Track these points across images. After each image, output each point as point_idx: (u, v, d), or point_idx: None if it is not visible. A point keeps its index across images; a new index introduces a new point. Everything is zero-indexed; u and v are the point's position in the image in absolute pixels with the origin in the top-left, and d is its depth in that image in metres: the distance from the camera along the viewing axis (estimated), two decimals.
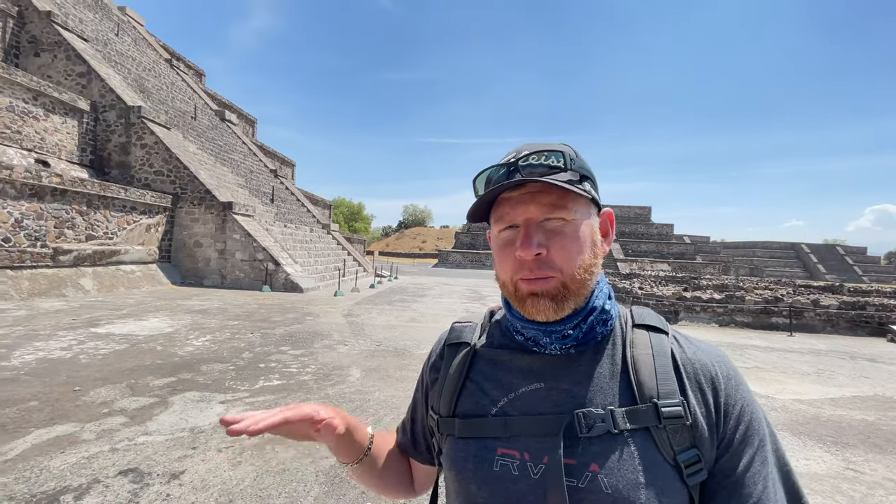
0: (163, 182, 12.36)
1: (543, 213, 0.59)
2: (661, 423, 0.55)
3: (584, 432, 0.56)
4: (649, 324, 0.65)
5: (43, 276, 8.53)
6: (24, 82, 10.39)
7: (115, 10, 20.63)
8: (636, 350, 0.61)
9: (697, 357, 0.61)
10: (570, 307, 0.59)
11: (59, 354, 4.74)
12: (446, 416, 0.66)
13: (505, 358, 0.66)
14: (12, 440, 2.81)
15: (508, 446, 0.59)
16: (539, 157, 0.60)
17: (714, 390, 0.58)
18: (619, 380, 0.60)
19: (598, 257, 0.62)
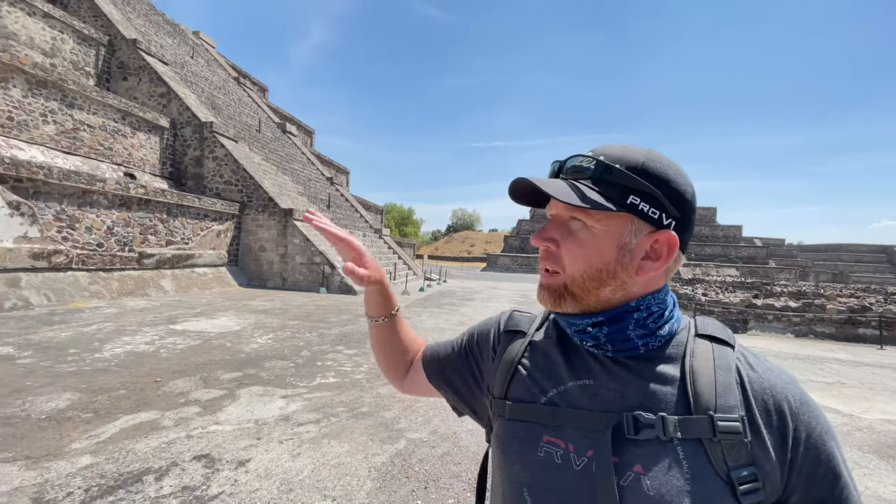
0: (231, 191, 13.34)
1: (568, 211, 0.61)
2: (715, 436, 0.54)
3: (630, 434, 0.56)
4: (713, 335, 0.63)
5: (130, 277, 9.49)
6: (115, 104, 11.66)
7: (191, 35, 22.61)
8: (696, 360, 0.60)
9: (767, 377, 0.59)
10: (570, 307, 0.62)
11: (143, 348, 5.25)
12: (498, 398, 0.70)
13: (558, 352, 0.68)
14: (104, 424, 3.16)
15: (554, 435, 0.61)
16: (582, 160, 0.61)
17: (783, 414, 0.56)
18: (675, 388, 0.58)
19: (619, 274, 0.60)
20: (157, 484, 2.43)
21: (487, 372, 0.77)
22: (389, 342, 0.90)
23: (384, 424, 3.44)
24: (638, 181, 0.57)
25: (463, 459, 2.94)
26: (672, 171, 0.60)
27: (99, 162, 11.25)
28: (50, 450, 2.73)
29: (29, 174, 7.68)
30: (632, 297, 0.61)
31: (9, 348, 4.84)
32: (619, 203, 0.57)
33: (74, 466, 2.55)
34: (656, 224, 0.59)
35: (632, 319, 0.61)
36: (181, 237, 11.21)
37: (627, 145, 0.62)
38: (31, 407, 3.35)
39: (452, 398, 0.84)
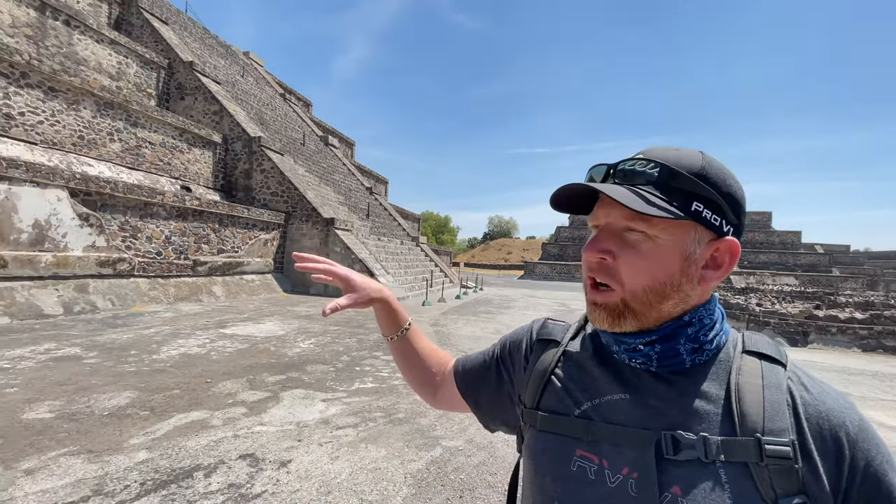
0: (277, 202, 13.95)
1: (623, 220, 0.56)
2: (762, 460, 0.50)
3: (669, 454, 0.53)
4: (762, 352, 0.59)
5: (185, 283, 10.10)
6: (173, 122, 12.53)
7: (241, 55, 24.01)
8: (742, 378, 0.56)
9: (823, 401, 0.55)
10: (630, 325, 0.58)
11: (195, 351, 5.55)
12: (530, 408, 0.68)
13: (593, 364, 0.65)
14: (159, 422, 3.36)
15: (587, 449, 0.58)
16: (641, 164, 0.57)
17: (839, 441, 0.52)
18: (719, 407, 0.55)
19: (684, 286, 0.57)
20: (206, 480, 2.55)
21: (519, 382, 0.75)
22: (408, 358, 0.90)
23: (420, 431, 3.45)
24: (703, 187, 0.55)
25: (499, 470, 2.90)
26: (729, 176, 0.57)
27: (159, 176, 12.11)
28: (110, 444, 2.93)
29: (97, 188, 8.37)
30: (689, 309, 0.58)
31: (77, 349, 5.25)
32: (685, 210, 0.54)
33: (132, 461, 2.73)
34: (717, 231, 0.56)
35: (685, 334, 0.58)
36: (231, 246, 11.82)
37: (680, 148, 0.58)
38: (94, 404, 3.61)
39: (484, 414, 0.83)
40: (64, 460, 2.68)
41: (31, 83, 9.16)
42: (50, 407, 3.47)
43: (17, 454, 2.71)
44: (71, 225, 7.92)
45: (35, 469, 2.56)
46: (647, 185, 0.56)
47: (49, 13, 11.82)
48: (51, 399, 3.63)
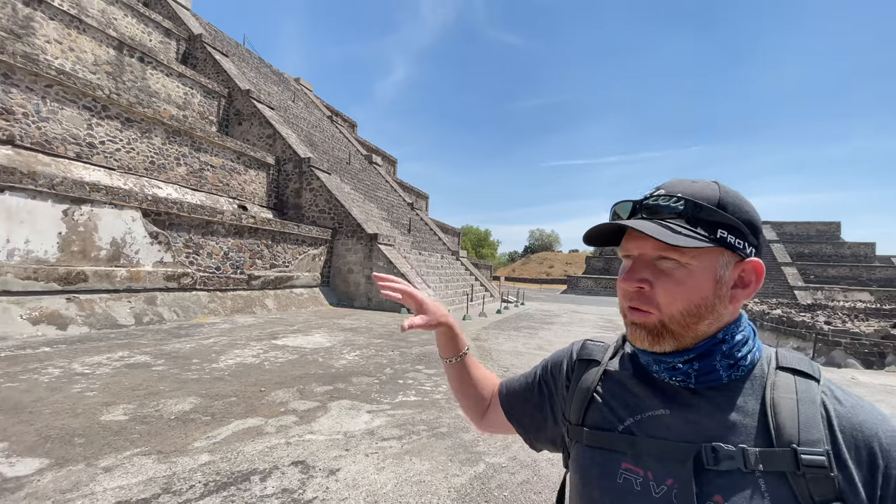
0: (325, 219, 14.56)
1: (657, 250, 0.61)
2: (799, 469, 0.54)
3: (711, 465, 0.57)
4: (796, 367, 0.63)
5: (240, 296, 10.72)
6: (232, 146, 13.47)
7: (292, 81, 25.51)
8: (777, 393, 0.60)
9: (856, 413, 0.58)
10: (669, 345, 0.62)
11: (250, 360, 5.87)
12: (575, 424, 0.72)
13: (634, 381, 0.69)
14: (219, 427, 3.58)
15: (633, 463, 0.62)
16: (666, 199, 0.62)
17: (873, 451, 0.55)
18: (755, 421, 0.59)
19: (717, 307, 0.61)
20: (262, 484, 2.70)
21: (562, 401, 0.79)
22: (463, 382, 0.95)
23: (463, 446, 3.46)
24: (724, 215, 0.60)
25: (543, 489, 2.85)
26: (745, 203, 0.62)
27: (219, 196, 13.01)
28: (177, 446, 3.16)
29: (166, 209, 9.13)
30: (722, 327, 0.63)
31: (146, 357, 5.70)
32: (711, 238, 0.59)
33: (196, 462, 2.93)
34: (741, 254, 0.61)
35: (720, 351, 0.62)
36: (282, 261, 12.43)
37: (697, 181, 0.64)
38: (162, 408, 3.91)
39: (529, 434, 0.87)
40: (137, 459, 2.92)
41: (110, 115, 10.21)
42: (124, 410, 3.79)
43: (97, 453, 2.99)
44: (143, 242, 8.66)
45: (112, 467, 2.81)
46: (675, 218, 0.61)
47: (126, 51, 13.17)
48: (125, 402, 3.97)
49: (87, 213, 7.70)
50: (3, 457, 2.82)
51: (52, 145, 9.04)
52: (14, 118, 8.41)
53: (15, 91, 8.40)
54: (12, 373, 4.57)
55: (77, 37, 11.97)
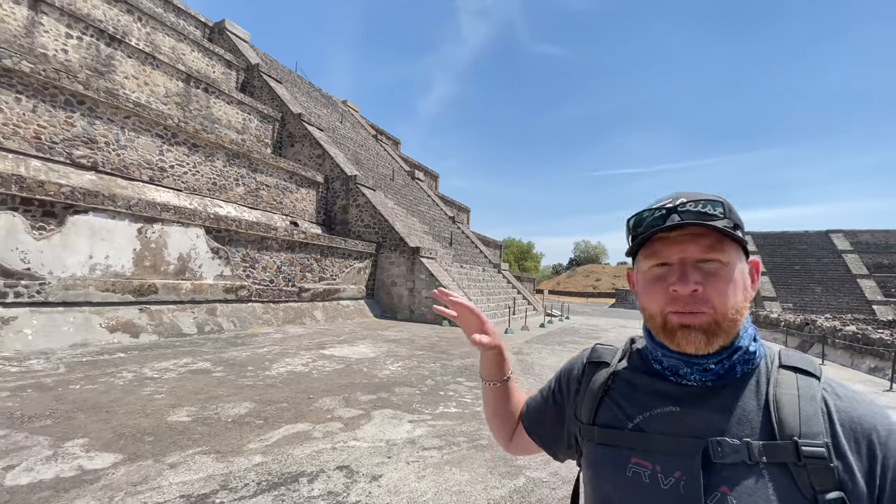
0: (369, 233, 15.05)
1: (701, 253, 0.63)
2: (800, 461, 0.57)
3: (718, 458, 0.60)
4: (797, 366, 0.66)
5: (291, 308, 11.25)
6: (285, 167, 14.30)
7: (340, 104, 26.76)
8: (780, 389, 0.64)
9: (854, 407, 0.62)
10: (719, 343, 0.63)
11: (300, 369, 6.15)
12: (587, 424, 0.75)
13: (642, 381, 0.72)
14: (271, 430, 3.78)
15: (641, 457, 0.65)
16: (697, 205, 0.64)
17: (871, 442, 0.58)
18: (759, 416, 0.62)
19: (748, 300, 0.66)
20: (309, 486, 2.83)
21: (573, 403, 0.83)
22: (500, 404, 0.96)
23: (503, 459, 3.44)
24: (738, 217, 0.66)
25: None
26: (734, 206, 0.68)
27: (272, 214, 13.81)
28: (233, 447, 3.37)
29: (226, 226, 9.82)
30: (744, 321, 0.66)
31: (207, 363, 6.12)
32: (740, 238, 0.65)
33: (250, 463, 3.12)
34: (747, 253, 0.68)
35: (742, 349, 0.66)
36: (330, 274, 12.94)
37: (705, 192, 0.68)
38: (221, 411, 4.18)
39: (549, 445, 0.90)
40: (198, 458, 3.15)
41: (179, 141, 11.19)
42: (187, 412, 4.10)
43: (164, 450, 3.25)
44: (205, 257, 9.35)
45: (177, 463, 3.05)
46: (721, 220, 0.64)
47: (192, 83, 14.43)
48: (188, 405, 4.28)
49: (158, 231, 8.44)
50: (84, 451, 3.14)
51: (128, 170, 10.04)
52: (97, 146, 9.44)
53: (98, 122, 9.44)
54: (93, 376, 5.07)
55: (151, 72, 13.28)
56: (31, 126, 8.35)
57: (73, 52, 11.45)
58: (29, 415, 3.72)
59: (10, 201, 6.39)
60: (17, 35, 10.33)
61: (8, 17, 10.19)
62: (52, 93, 8.64)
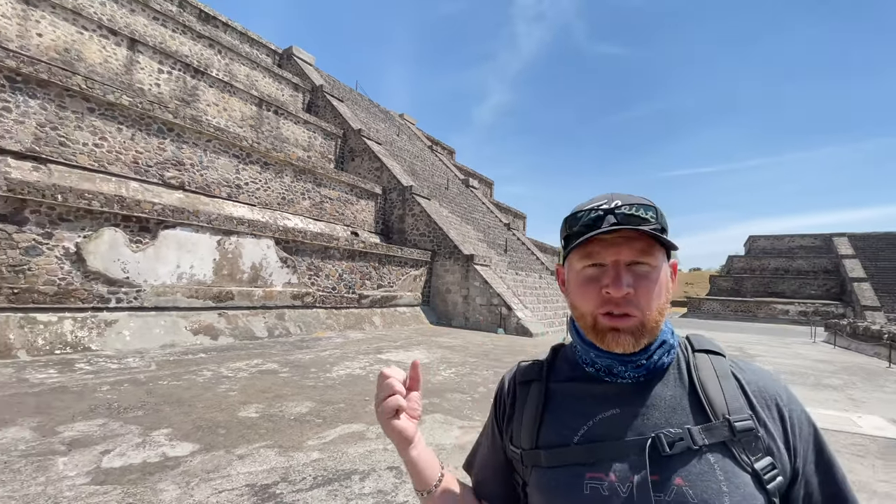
0: (425, 241, 15.36)
1: (633, 256, 0.66)
2: (735, 436, 0.62)
3: (666, 451, 0.61)
4: (708, 349, 0.73)
5: (351, 314, 11.74)
6: (346, 180, 15.06)
7: (397, 117, 27.72)
8: (701, 373, 0.69)
9: (758, 378, 0.69)
10: (645, 342, 0.67)
11: (358, 372, 6.40)
12: (530, 449, 0.70)
13: (578, 389, 0.72)
14: (329, 429, 3.97)
15: (595, 470, 0.63)
16: (631, 208, 0.66)
17: (780, 407, 0.66)
18: (689, 401, 0.67)
19: (668, 301, 0.69)
20: (361, 483, 2.94)
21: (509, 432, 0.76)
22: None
23: None
24: (666, 222, 0.69)
25: None
26: None
27: (335, 224, 14.57)
28: (294, 443, 3.59)
29: (293, 237, 10.51)
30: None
31: (275, 365, 6.56)
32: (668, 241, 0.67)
33: (308, 458, 3.30)
34: (668, 255, 0.70)
35: (667, 341, 0.70)
36: (388, 281, 13.36)
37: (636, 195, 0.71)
38: (285, 409, 4.47)
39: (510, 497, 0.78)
40: (263, 451, 3.40)
41: (252, 160, 12.20)
42: (256, 408, 4.43)
43: (234, 442, 3.54)
44: (275, 266, 10.07)
45: (245, 455, 3.31)
46: (653, 225, 0.66)
47: (264, 106, 15.68)
48: (257, 402, 4.62)
49: (234, 243, 9.24)
50: (167, 440, 3.51)
51: (210, 188, 11.10)
52: (184, 168, 10.55)
53: (185, 147, 10.56)
54: (178, 373, 5.63)
55: (229, 98, 14.64)
56: (130, 152, 9.54)
57: (164, 85, 12.94)
58: (124, 406, 4.22)
59: (113, 219, 7.33)
60: (118, 73, 11.88)
61: (111, 58, 11.77)
62: (147, 122, 9.82)
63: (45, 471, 2.84)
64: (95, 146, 9.00)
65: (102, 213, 7.17)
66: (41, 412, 3.88)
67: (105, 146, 9.14)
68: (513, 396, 0.79)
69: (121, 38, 11.92)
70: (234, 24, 19.34)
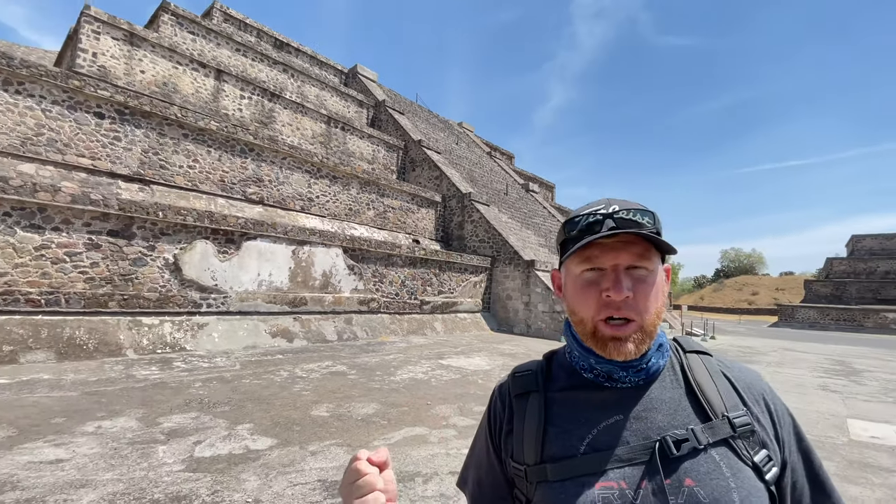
0: (484, 248, 15.36)
1: (632, 260, 0.66)
2: (736, 432, 0.64)
3: (674, 453, 0.62)
4: (697, 349, 0.75)
5: (414, 319, 12.02)
6: (407, 189, 15.52)
7: (455, 126, 28.10)
8: (696, 373, 0.71)
9: (744, 376, 0.73)
10: (645, 348, 0.67)
11: (420, 376, 6.54)
12: (535, 464, 0.67)
13: (578, 397, 0.71)
14: (393, 431, 4.10)
15: (605, 479, 0.62)
16: (629, 213, 0.67)
17: (766, 402, 0.70)
18: (688, 401, 0.68)
19: (664, 305, 0.71)
20: (423, 486, 3.01)
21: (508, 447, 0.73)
22: None
23: None
24: (661, 227, 0.70)
25: None
26: None
27: (397, 233, 15.05)
28: (361, 442, 3.75)
29: (359, 246, 11.02)
30: None
31: (344, 367, 6.89)
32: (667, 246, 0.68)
33: None
34: (664, 259, 0.71)
35: (663, 344, 0.72)
36: (448, 288, 13.52)
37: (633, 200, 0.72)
38: (353, 410, 4.68)
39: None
40: (333, 449, 3.59)
41: (322, 175, 12.99)
42: (327, 408, 4.68)
43: (307, 439, 3.78)
44: (343, 274, 10.61)
45: (317, 451, 3.52)
46: (650, 229, 0.67)
47: (332, 123, 16.64)
48: (327, 402, 4.89)
49: (307, 252, 9.88)
50: (249, 434, 3.82)
51: (285, 202, 11.98)
52: (262, 184, 11.48)
53: (264, 165, 11.50)
54: (258, 373, 6.11)
55: (301, 118, 15.74)
56: (217, 172, 10.59)
57: (245, 109, 14.23)
58: (213, 401, 4.66)
59: (204, 232, 8.16)
60: (207, 101, 13.25)
61: (201, 88, 13.16)
62: (231, 144, 10.85)
63: (147, 457, 3.22)
64: (189, 167, 10.11)
65: (195, 227, 8.02)
66: (145, 405, 4.41)
67: (197, 167, 10.23)
68: (509, 410, 0.75)
69: (209, 69, 13.31)
70: (305, 48, 20.81)
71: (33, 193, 6.29)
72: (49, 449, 3.24)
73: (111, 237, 7.08)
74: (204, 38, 15.10)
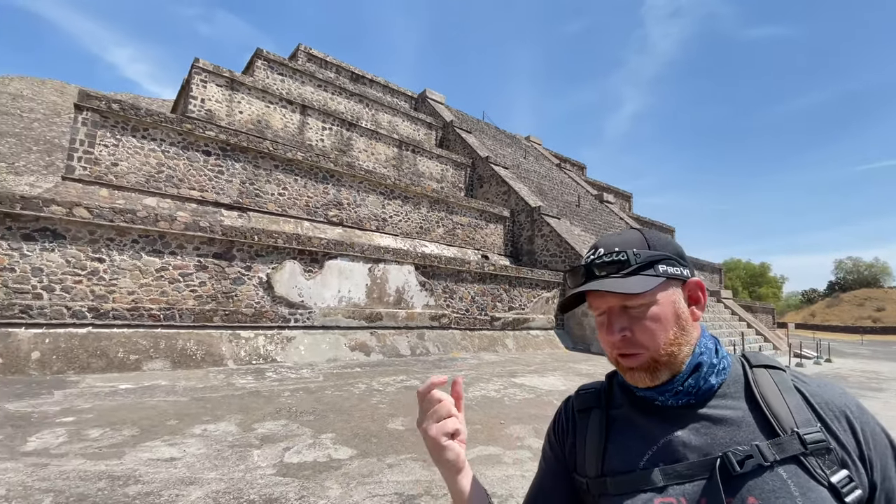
0: (556, 262, 14.94)
1: (620, 301, 0.68)
2: (806, 448, 0.60)
3: (736, 470, 0.60)
4: (766, 363, 0.72)
5: (484, 335, 11.96)
6: (475, 206, 15.67)
7: (523, 140, 27.97)
8: (762, 388, 0.68)
9: (824, 391, 0.67)
10: (664, 376, 0.67)
11: (492, 395, 6.47)
12: (595, 477, 0.70)
13: (637, 414, 0.71)
14: (467, 449, 4.09)
15: (664, 495, 0.63)
16: (610, 255, 0.70)
17: (850, 419, 0.64)
18: (753, 417, 0.65)
19: (687, 327, 0.69)
20: None
21: (572, 460, 0.77)
22: None
23: None
24: (657, 253, 0.70)
25: None
26: (665, 237, 0.73)
27: (466, 249, 15.20)
28: None
29: (430, 262, 11.30)
30: (696, 342, 0.70)
31: (417, 381, 7.04)
32: (655, 275, 0.68)
33: None
34: (682, 278, 0.70)
35: (705, 363, 0.69)
36: (519, 304, 13.30)
37: (622, 232, 0.74)
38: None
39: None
40: (409, 463, 3.67)
41: (395, 196, 13.59)
42: (402, 421, 4.81)
43: (384, 451, 3.90)
44: (415, 290, 10.92)
45: (393, 464, 3.62)
46: (623, 269, 0.68)
47: (403, 147, 17.41)
48: (402, 416, 5.02)
49: (382, 269, 10.34)
50: (332, 443, 4.04)
51: (362, 223, 12.69)
52: (342, 207, 12.29)
53: (343, 189, 12.32)
54: (339, 385, 6.46)
55: (375, 144, 16.68)
56: (303, 198, 11.54)
57: (326, 139, 15.42)
58: (300, 410, 5.01)
59: (292, 252, 8.90)
60: (294, 134, 14.57)
61: (289, 123, 14.52)
62: (315, 172, 11.80)
63: (244, 460, 3.54)
64: (279, 195, 11.15)
65: (285, 249, 8.78)
66: (242, 411, 4.85)
67: (286, 194, 11.25)
68: (573, 425, 0.79)
69: (295, 105, 14.67)
70: (378, 78, 22.17)
71: (155, 223, 7.33)
72: (165, 448, 3.69)
73: (216, 259, 7.99)
74: (291, 78, 16.71)
